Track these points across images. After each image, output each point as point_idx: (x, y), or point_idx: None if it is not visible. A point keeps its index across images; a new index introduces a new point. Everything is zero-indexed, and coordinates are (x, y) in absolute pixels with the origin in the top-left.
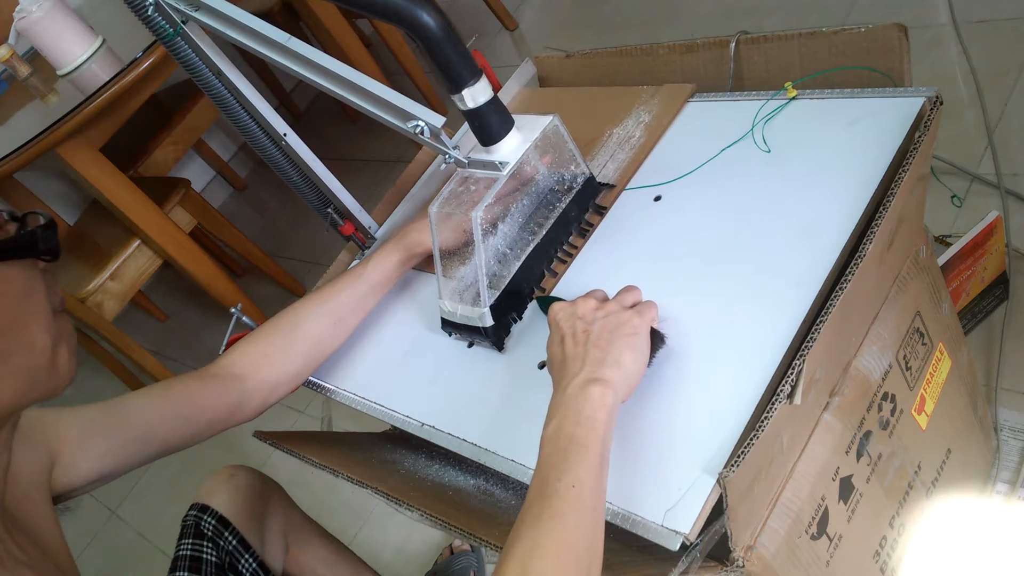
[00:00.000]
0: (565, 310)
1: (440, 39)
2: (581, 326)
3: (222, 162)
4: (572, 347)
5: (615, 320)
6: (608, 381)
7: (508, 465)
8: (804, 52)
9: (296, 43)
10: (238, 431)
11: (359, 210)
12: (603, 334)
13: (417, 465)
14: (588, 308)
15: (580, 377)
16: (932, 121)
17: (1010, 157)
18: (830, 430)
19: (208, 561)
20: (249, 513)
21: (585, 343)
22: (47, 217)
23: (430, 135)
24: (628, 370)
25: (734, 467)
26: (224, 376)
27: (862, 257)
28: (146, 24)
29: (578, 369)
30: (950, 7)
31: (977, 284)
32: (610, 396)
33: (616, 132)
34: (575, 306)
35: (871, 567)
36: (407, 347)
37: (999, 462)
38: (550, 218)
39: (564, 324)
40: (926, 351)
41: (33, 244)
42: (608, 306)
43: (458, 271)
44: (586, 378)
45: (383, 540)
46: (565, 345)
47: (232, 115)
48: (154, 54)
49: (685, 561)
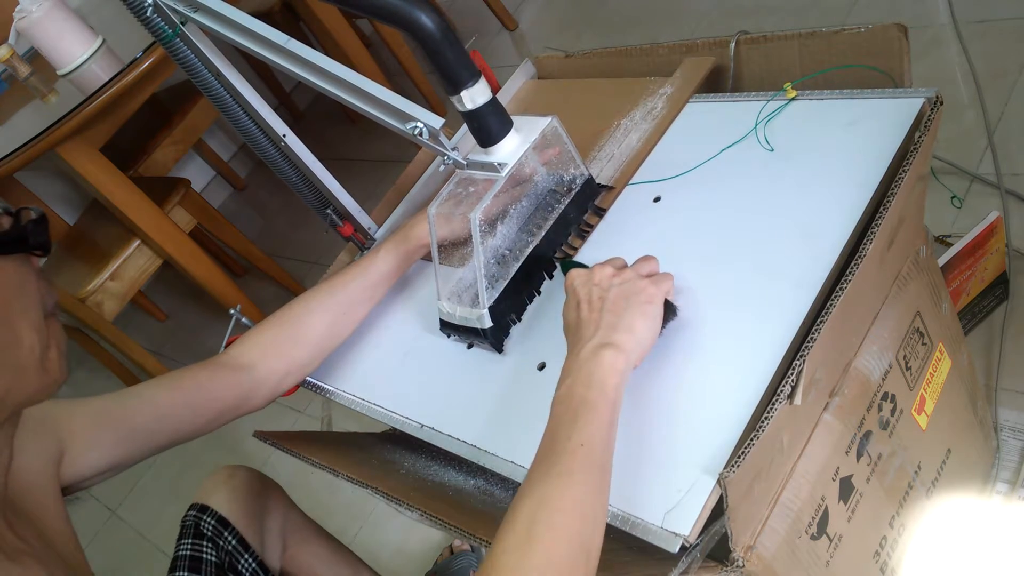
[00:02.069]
0: (582, 276)
1: (438, 40)
2: (597, 292)
3: (222, 162)
4: (587, 312)
5: (630, 287)
6: (620, 346)
7: (507, 466)
8: (804, 52)
9: (295, 44)
10: (238, 431)
11: (358, 211)
12: (618, 301)
13: (417, 465)
14: (605, 275)
15: (593, 342)
16: (932, 121)
17: (1010, 157)
18: (830, 430)
19: (208, 561)
20: (248, 513)
21: (600, 309)
22: (39, 212)
23: (429, 136)
24: (640, 336)
25: (734, 467)
26: (234, 366)
27: (862, 257)
28: (145, 25)
29: (591, 334)
30: (950, 7)
31: (977, 284)
32: (621, 360)
33: (623, 124)
34: (592, 273)
35: (871, 567)
36: (407, 348)
37: (999, 462)
38: (549, 219)
39: (580, 290)
40: (926, 351)
41: (24, 238)
42: (624, 273)
43: (457, 272)
44: (599, 343)
45: (383, 540)
46: (580, 310)
47: (231, 116)
48: (154, 54)
49: (685, 561)
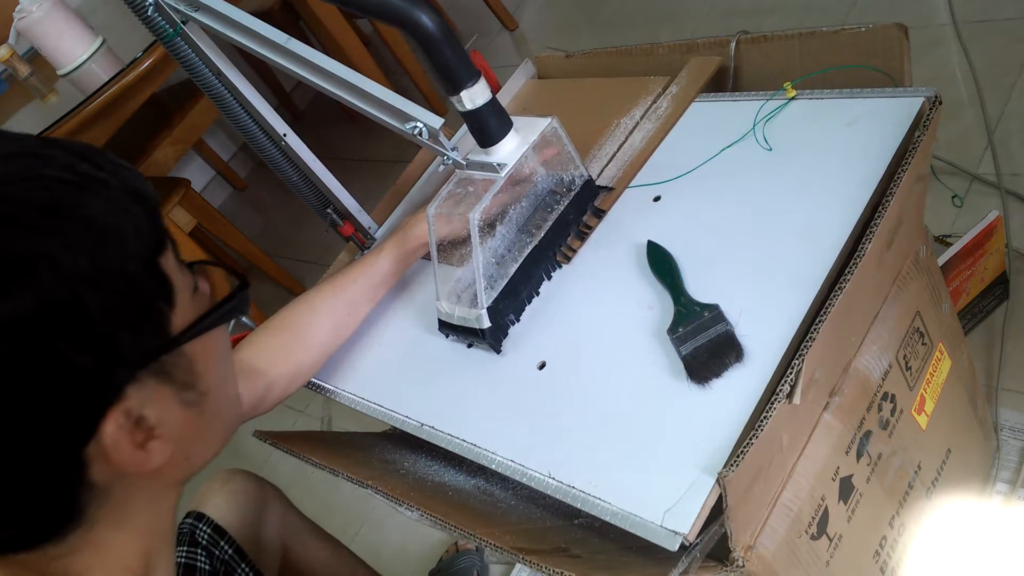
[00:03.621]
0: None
1: (438, 40)
2: None
3: (222, 162)
4: None
5: None
6: None
7: (507, 466)
8: (804, 52)
9: (295, 44)
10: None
11: (359, 210)
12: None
13: (417, 465)
14: None
15: None
16: (932, 121)
17: (1010, 157)
18: (830, 430)
19: (202, 570)
20: (245, 520)
21: None
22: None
23: (428, 136)
24: None
25: (734, 467)
26: (247, 371)
27: (861, 257)
28: (146, 24)
29: None
30: (950, 7)
31: (977, 284)
32: None
33: (623, 123)
34: None
35: (871, 567)
36: (407, 348)
37: (999, 462)
38: (548, 220)
39: None
40: (926, 351)
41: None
42: None
43: (456, 272)
44: None
45: (383, 540)
46: None
47: (232, 115)
48: (154, 54)
49: (685, 561)
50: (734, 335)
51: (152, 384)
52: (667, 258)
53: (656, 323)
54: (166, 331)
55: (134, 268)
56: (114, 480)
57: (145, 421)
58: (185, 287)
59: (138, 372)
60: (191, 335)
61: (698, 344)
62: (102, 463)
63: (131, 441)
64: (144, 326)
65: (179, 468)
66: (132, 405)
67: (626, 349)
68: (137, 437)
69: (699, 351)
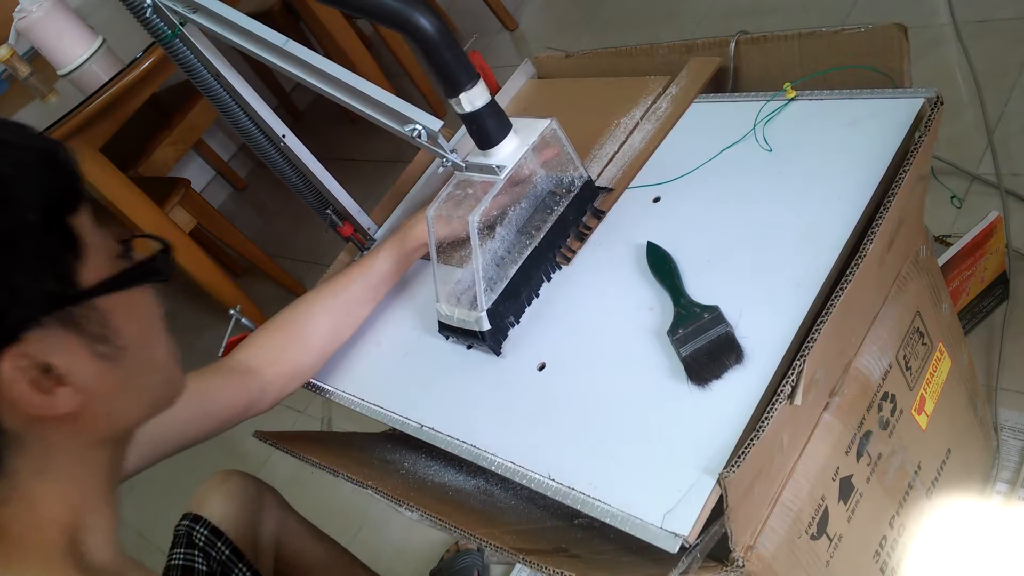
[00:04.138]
0: None
1: (436, 43)
2: None
3: (222, 162)
4: None
5: None
6: None
7: (506, 467)
8: (804, 52)
9: (293, 46)
10: (238, 431)
11: (358, 211)
12: None
13: (417, 465)
14: None
15: None
16: (932, 121)
17: (1010, 157)
18: (830, 430)
19: (199, 571)
20: (242, 521)
21: None
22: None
23: (427, 139)
24: None
25: (734, 467)
26: (243, 371)
27: (862, 257)
28: (144, 26)
29: None
30: (950, 7)
31: (977, 284)
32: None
33: (623, 123)
34: None
35: (871, 567)
36: (406, 349)
37: (999, 462)
38: (548, 221)
39: None
40: (926, 351)
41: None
42: None
43: (455, 274)
44: None
45: (383, 540)
46: None
47: (231, 116)
48: (154, 54)
49: (685, 562)
50: (734, 336)
51: (59, 331)
52: (667, 259)
53: (656, 324)
54: (72, 282)
55: (33, 219)
56: (27, 427)
57: (54, 369)
58: (103, 248)
59: (41, 317)
60: (104, 290)
61: (698, 345)
62: (9, 408)
63: (33, 384)
64: (42, 273)
65: (101, 422)
66: (34, 348)
67: (626, 351)
68: (45, 384)
69: (699, 352)
